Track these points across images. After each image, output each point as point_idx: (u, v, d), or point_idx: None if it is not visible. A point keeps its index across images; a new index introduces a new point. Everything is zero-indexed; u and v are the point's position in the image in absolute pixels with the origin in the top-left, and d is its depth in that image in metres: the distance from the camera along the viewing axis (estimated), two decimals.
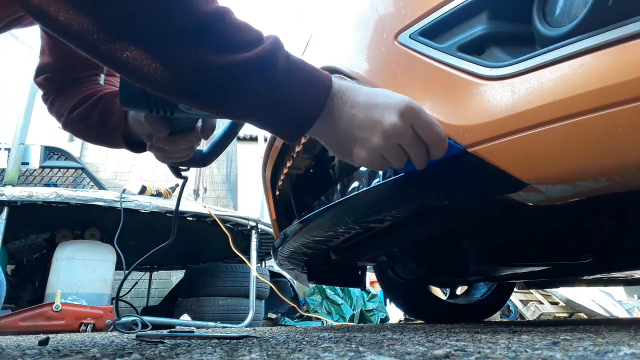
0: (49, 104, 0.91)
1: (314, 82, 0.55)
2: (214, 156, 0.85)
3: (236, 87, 0.52)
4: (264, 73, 0.52)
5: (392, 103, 0.57)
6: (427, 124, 0.59)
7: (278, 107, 0.54)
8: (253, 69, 0.51)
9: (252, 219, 3.39)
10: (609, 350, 0.52)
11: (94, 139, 0.90)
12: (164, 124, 0.71)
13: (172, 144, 0.75)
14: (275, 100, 0.53)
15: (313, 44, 1.22)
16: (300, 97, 0.54)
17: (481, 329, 1.17)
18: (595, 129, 0.52)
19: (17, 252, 3.62)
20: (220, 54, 0.50)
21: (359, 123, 0.56)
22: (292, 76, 0.54)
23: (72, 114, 0.86)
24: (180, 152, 0.78)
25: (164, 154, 0.77)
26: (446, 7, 0.70)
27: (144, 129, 0.76)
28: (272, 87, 0.52)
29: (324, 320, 3.87)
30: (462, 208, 0.88)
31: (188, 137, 0.76)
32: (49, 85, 0.90)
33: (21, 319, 2.35)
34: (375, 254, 1.44)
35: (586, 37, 0.54)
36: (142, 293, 5.17)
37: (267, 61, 0.52)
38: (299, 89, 0.54)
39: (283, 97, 0.53)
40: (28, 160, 3.28)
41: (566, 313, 4.22)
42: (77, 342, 1.18)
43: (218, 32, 0.50)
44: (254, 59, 0.51)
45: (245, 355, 0.62)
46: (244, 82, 0.51)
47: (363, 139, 0.57)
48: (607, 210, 0.93)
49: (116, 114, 0.84)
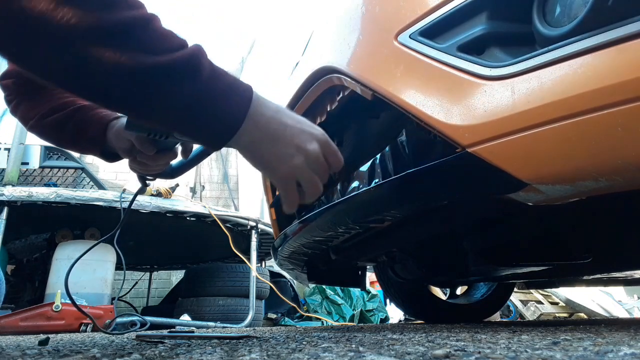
0: (13, 105, 0.91)
1: (237, 90, 0.57)
2: (182, 172, 0.94)
3: (158, 90, 0.52)
4: (187, 77, 0.53)
5: (316, 134, 0.64)
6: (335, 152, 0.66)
7: (201, 113, 0.54)
8: (176, 72, 0.52)
9: (252, 219, 3.39)
10: (609, 350, 0.52)
11: (66, 146, 0.96)
12: (152, 144, 0.80)
13: (153, 160, 0.84)
14: (198, 105, 0.54)
15: (313, 44, 1.22)
16: (224, 104, 0.55)
17: (481, 329, 1.17)
18: (595, 129, 0.52)
19: (17, 252, 3.62)
20: (143, 56, 0.50)
21: (286, 141, 0.60)
22: (216, 82, 0.55)
23: (45, 119, 0.88)
24: (158, 167, 0.88)
25: (144, 167, 0.87)
26: (446, 7, 0.70)
27: (125, 145, 0.84)
28: (195, 91, 0.53)
29: (324, 320, 3.87)
30: (462, 208, 0.88)
31: (168, 155, 0.85)
32: (15, 89, 0.90)
33: (21, 319, 2.34)
34: (375, 254, 1.44)
35: (586, 37, 0.54)
36: (142, 293, 5.16)
37: (190, 66, 0.53)
38: (222, 95, 0.55)
39: (207, 103, 0.54)
40: (28, 160, 3.28)
41: (566, 313, 4.21)
42: (77, 342, 1.18)
43: (141, 37, 0.51)
44: (177, 62, 0.52)
45: (245, 355, 0.62)
46: (166, 85, 0.52)
47: (286, 155, 0.61)
48: (607, 210, 0.93)
49: (93, 129, 0.88)
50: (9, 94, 0.91)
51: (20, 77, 0.89)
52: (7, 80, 0.90)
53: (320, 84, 1.04)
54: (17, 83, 0.90)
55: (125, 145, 0.84)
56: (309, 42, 1.30)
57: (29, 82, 0.89)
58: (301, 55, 1.35)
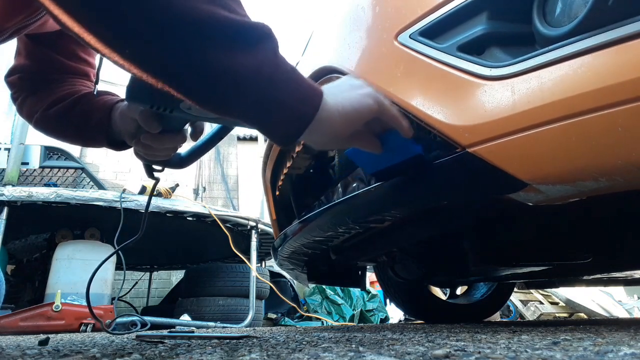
0: (19, 103, 0.91)
1: (309, 85, 0.56)
2: (191, 160, 0.87)
3: (239, 87, 0.50)
4: (268, 74, 0.51)
5: (365, 92, 0.61)
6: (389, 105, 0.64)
7: (277, 107, 0.53)
8: (259, 71, 0.50)
9: (252, 219, 3.39)
10: (609, 350, 0.52)
11: (71, 137, 0.91)
12: (157, 121, 0.72)
13: (159, 141, 0.77)
14: (275, 101, 0.52)
15: (313, 44, 1.22)
16: (298, 97, 0.54)
17: (481, 329, 1.17)
18: (595, 129, 0.52)
19: (17, 252, 3.62)
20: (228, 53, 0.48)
21: (350, 116, 0.59)
22: (283, 69, 0.53)
23: (49, 111, 0.86)
24: (164, 151, 0.80)
25: (148, 150, 0.79)
26: (446, 7, 0.70)
27: (130, 127, 0.79)
28: (273, 88, 0.52)
29: (324, 320, 3.87)
30: (462, 208, 0.88)
31: (175, 137, 0.78)
32: (21, 84, 0.90)
33: (21, 319, 2.34)
34: (375, 254, 1.44)
35: (586, 37, 0.54)
36: (142, 293, 5.16)
37: (274, 62, 0.51)
38: (297, 90, 0.54)
39: (282, 98, 0.52)
40: (28, 160, 3.28)
41: (566, 313, 4.21)
42: (77, 342, 1.18)
43: (222, 29, 0.48)
44: (261, 62, 0.50)
45: (245, 355, 0.62)
46: (246, 83, 0.50)
47: (367, 127, 0.61)
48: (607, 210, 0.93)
49: (98, 113, 0.85)
50: (15, 91, 0.91)
51: (26, 72, 0.89)
52: (13, 76, 0.90)
53: (321, 84, 1.04)
54: (23, 78, 0.89)
55: (130, 127, 0.79)
56: (309, 42, 1.30)
57: (35, 77, 0.89)
58: (301, 55, 1.35)
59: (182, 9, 0.45)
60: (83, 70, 0.93)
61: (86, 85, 0.93)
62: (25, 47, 0.88)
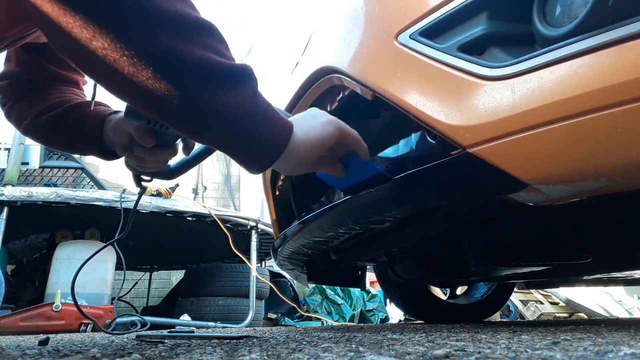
0: (7, 108, 0.91)
1: (281, 119, 0.61)
2: (180, 173, 0.91)
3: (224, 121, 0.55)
4: (251, 110, 0.57)
5: (327, 120, 0.68)
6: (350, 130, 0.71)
7: (255, 139, 0.58)
8: (242, 107, 0.56)
9: (252, 219, 3.39)
10: (609, 350, 0.52)
11: (61, 144, 0.92)
12: (151, 136, 0.77)
13: (152, 155, 0.81)
14: (254, 134, 0.57)
15: (313, 44, 1.22)
16: (273, 130, 0.59)
17: (481, 329, 1.17)
18: (595, 130, 0.52)
19: (17, 252, 3.62)
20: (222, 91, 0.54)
21: (315, 144, 0.65)
22: (261, 107, 0.58)
23: (40, 118, 0.87)
24: (155, 164, 0.84)
25: (140, 163, 0.83)
26: (446, 7, 0.70)
27: (123, 139, 0.82)
28: (253, 122, 0.57)
29: (324, 320, 3.87)
30: (462, 208, 0.88)
31: (167, 150, 0.82)
32: (11, 90, 0.89)
33: (21, 319, 2.34)
34: (375, 254, 1.44)
35: (586, 37, 0.54)
36: (142, 293, 5.16)
37: (254, 100, 0.57)
38: (272, 124, 0.59)
39: (253, 124, 0.57)
40: (28, 160, 3.28)
41: (566, 313, 4.21)
42: (77, 342, 1.18)
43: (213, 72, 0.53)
44: (244, 100, 0.56)
45: (245, 355, 0.62)
46: (230, 117, 0.55)
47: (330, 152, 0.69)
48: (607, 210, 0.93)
49: (91, 123, 0.87)
50: (3, 96, 0.91)
51: (16, 78, 0.89)
52: (2, 82, 0.90)
53: (321, 84, 1.04)
54: (13, 84, 0.89)
55: (123, 140, 0.82)
56: (309, 42, 1.30)
57: (25, 83, 0.89)
58: (301, 55, 1.35)
59: (182, 54, 0.51)
60: (73, 79, 0.94)
61: (76, 93, 0.94)
62: (16, 54, 0.88)
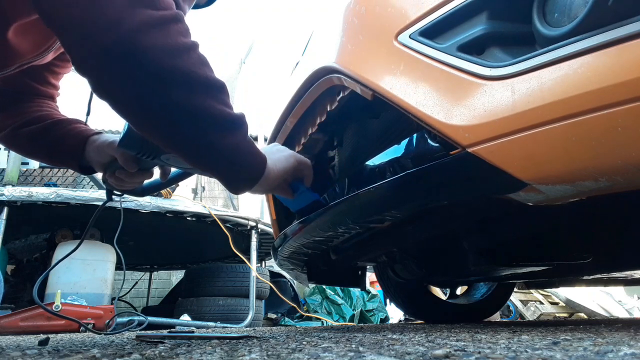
0: None
1: (260, 154, 0.75)
2: (151, 192, 1.02)
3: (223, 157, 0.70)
4: (244, 149, 0.72)
5: (288, 153, 0.86)
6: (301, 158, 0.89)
7: (244, 170, 0.73)
8: (237, 147, 0.70)
9: (252, 219, 3.39)
10: (609, 350, 0.52)
11: (41, 157, 0.99)
12: (135, 163, 0.85)
13: (131, 177, 0.90)
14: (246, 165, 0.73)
15: (313, 44, 1.22)
16: (257, 162, 0.74)
17: (481, 329, 1.17)
18: (595, 129, 0.52)
19: (17, 252, 3.62)
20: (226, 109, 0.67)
21: (280, 173, 0.81)
22: (250, 145, 0.73)
23: (20, 130, 0.90)
24: (133, 184, 0.93)
25: (119, 182, 0.92)
26: (446, 7, 0.70)
27: (105, 160, 0.90)
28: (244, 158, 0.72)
29: (324, 320, 3.87)
30: (462, 208, 0.88)
31: (146, 174, 0.92)
32: None
33: (21, 319, 2.34)
34: (375, 254, 1.44)
35: (586, 37, 0.54)
36: (142, 293, 5.16)
37: (246, 139, 0.71)
38: (256, 158, 0.74)
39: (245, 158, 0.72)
40: (28, 160, 3.28)
41: (566, 313, 4.21)
42: (77, 342, 1.18)
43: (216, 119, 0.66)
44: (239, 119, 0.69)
45: (245, 355, 0.62)
46: (228, 154, 0.70)
47: (285, 179, 0.85)
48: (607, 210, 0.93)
49: (73, 140, 0.92)
50: None
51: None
52: None
53: (321, 84, 1.04)
54: None
55: (104, 160, 0.90)
56: (309, 42, 1.30)
57: (4, 94, 0.91)
58: (301, 55, 1.35)
59: (195, 106, 0.64)
60: (49, 93, 0.99)
61: (52, 106, 0.98)
62: None
